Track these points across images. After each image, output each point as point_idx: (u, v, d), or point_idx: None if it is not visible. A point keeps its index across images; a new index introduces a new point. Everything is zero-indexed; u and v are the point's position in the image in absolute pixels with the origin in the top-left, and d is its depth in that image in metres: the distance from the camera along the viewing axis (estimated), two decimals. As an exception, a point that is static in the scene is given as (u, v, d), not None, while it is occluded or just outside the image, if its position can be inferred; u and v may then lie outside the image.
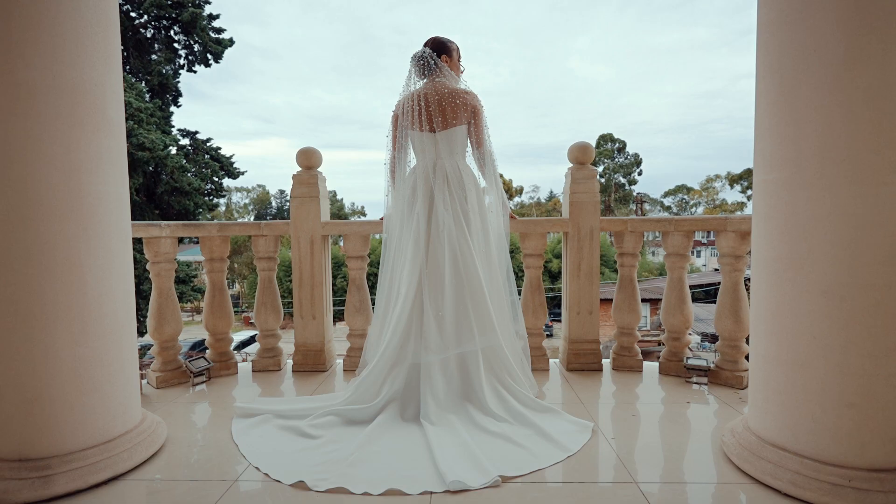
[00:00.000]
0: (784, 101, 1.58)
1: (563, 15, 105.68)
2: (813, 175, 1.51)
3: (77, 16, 1.67)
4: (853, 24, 1.42)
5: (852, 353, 1.49)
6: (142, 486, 1.71)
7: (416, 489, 1.63)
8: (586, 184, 2.89)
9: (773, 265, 1.64)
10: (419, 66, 2.55)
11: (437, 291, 2.35)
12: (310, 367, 3.05)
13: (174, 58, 16.34)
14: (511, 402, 2.22)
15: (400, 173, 2.59)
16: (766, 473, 1.62)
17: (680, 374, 2.82)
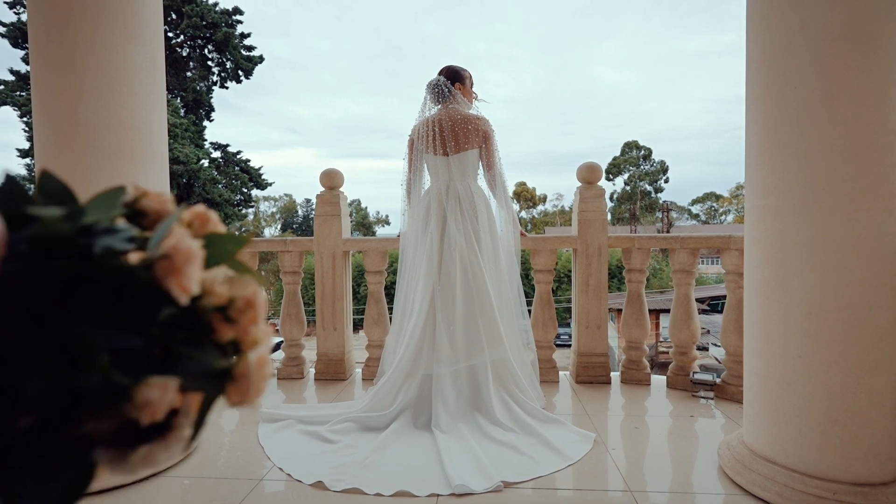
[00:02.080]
0: (770, 132, 1.68)
1: (587, 21, 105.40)
2: (797, 202, 1.61)
3: (130, 62, 1.90)
4: (830, 63, 1.52)
5: (836, 371, 1.57)
6: (178, 482, 1.90)
7: (424, 491, 1.77)
8: (594, 202, 3.00)
9: (762, 287, 1.73)
10: (434, 94, 2.72)
11: (448, 306, 2.50)
12: (331, 375, 3.22)
13: (208, 75, 17.09)
14: (518, 413, 2.34)
15: (415, 194, 2.76)
16: (756, 485, 1.70)
17: (687, 388, 2.88)
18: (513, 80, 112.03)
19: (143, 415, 0.31)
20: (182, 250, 0.32)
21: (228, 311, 0.36)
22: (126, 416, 0.31)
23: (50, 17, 1.79)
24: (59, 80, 1.77)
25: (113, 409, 0.31)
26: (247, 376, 0.35)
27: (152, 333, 0.33)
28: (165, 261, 0.32)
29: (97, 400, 0.31)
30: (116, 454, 0.32)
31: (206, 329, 0.35)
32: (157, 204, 0.35)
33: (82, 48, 1.79)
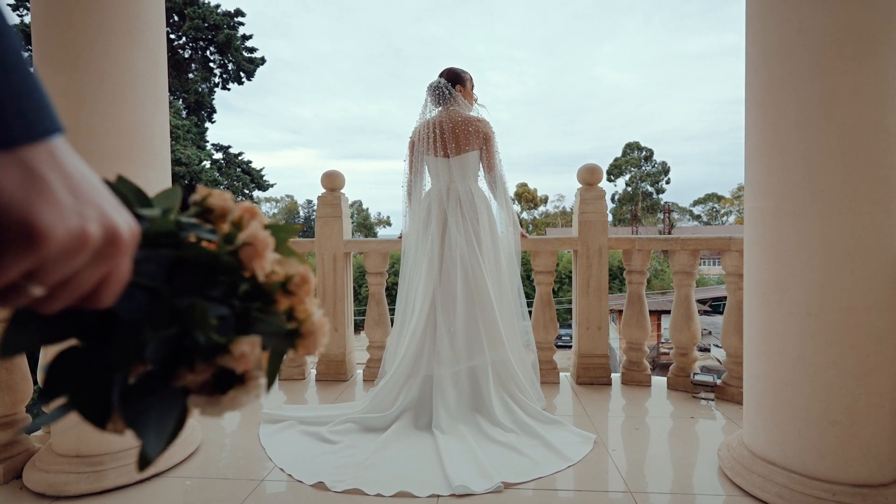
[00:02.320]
0: (769, 135, 1.68)
1: (588, 22, 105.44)
2: (796, 204, 1.61)
3: (132, 65, 1.91)
4: (829, 65, 1.53)
5: (835, 372, 1.57)
6: (181, 482, 1.91)
7: (424, 492, 1.78)
8: (594, 204, 3.01)
9: (762, 288, 1.74)
10: (435, 96, 2.73)
11: (449, 308, 2.51)
12: (332, 376, 3.23)
13: (209, 76, 17.14)
14: (518, 414, 2.34)
15: (416, 196, 2.77)
16: (756, 486, 1.70)
17: (688, 389, 2.89)
18: (514, 82, 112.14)
19: (238, 365, 0.39)
20: (260, 238, 0.42)
21: (288, 285, 0.44)
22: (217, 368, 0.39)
23: (53, 20, 1.81)
24: (61, 82, 1.79)
25: (211, 361, 0.39)
26: (313, 332, 0.44)
27: (234, 304, 0.41)
28: (249, 247, 0.41)
29: (202, 354, 0.39)
30: (210, 399, 0.40)
31: (271, 300, 0.44)
32: (221, 201, 0.43)
33: (85, 51, 1.80)
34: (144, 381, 0.39)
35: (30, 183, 0.29)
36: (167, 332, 0.38)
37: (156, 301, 0.38)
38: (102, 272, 0.33)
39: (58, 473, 1.79)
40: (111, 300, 0.35)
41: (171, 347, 0.39)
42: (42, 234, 0.28)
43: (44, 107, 0.30)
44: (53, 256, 0.30)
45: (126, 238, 0.33)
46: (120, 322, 0.37)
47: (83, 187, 0.31)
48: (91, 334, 0.37)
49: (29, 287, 0.30)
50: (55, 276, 0.31)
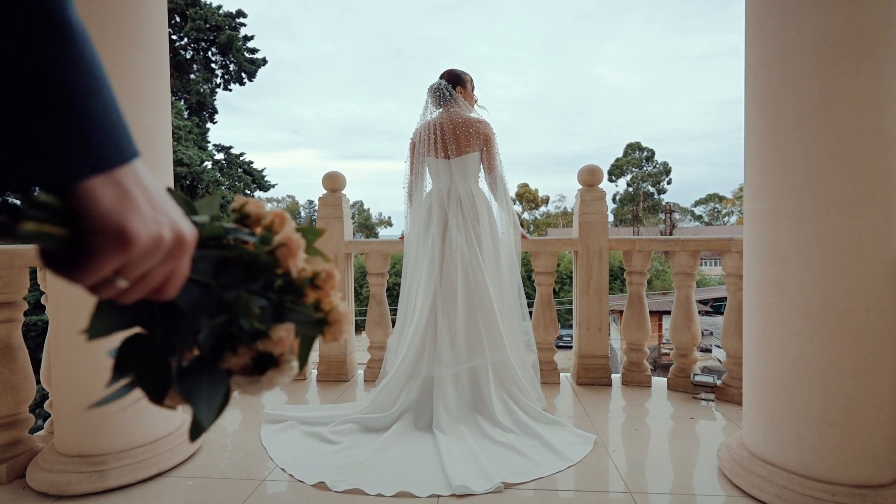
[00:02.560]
0: (768, 137, 1.69)
1: (589, 23, 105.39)
2: (795, 206, 1.62)
3: (135, 67, 1.92)
4: (827, 68, 1.53)
5: (834, 373, 1.57)
6: (182, 482, 1.92)
7: (424, 492, 1.79)
8: (595, 205, 3.01)
9: (760, 290, 1.75)
10: (435, 97, 2.74)
11: (450, 309, 2.52)
12: (333, 377, 3.24)
13: (211, 77, 17.18)
14: (519, 414, 2.35)
15: (417, 197, 2.78)
16: (755, 487, 1.71)
17: (688, 390, 2.89)
18: (515, 82, 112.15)
19: (276, 348, 0.46)
20: (294, 240, 0.49)
21: (316, 280, 0.51)
22: (257, 352, 0.47)
23: (57, 24, 1.82)
24: (65, 85, 1.80)
25: (252, 346, 0.46)
26: (338, 321, 0.51)
27: (270, 297, 0.48)
28: (284, 247, 0.48)
29: (245, 339, 0.46)
30: (250, 379, 0.47)
31: (301, 294, 0.50)
32: (256, 209, 0.50)
33: (88, 54, 1.81)
34: (195, 363, 0.46)
35: (122, 198, 0.36)
36: (217, 319, 0.45)
37: (207, 294, 0.46)
38: (170, 269, 0.40)
39: (60, 473, 1.80)
40: (175, 293, 0.42)
41: (219, 334, 0.46)
42: (131, 238, 0.36)
43: (127, 135, 0.37)
44: (137, 256, 0.37)
45: (189, 240, 0.40)
46: (180, 311, 0.44)
47: (157, 199, 0.38)
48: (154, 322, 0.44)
49: (117, 280, 0.38)
50: (136, 271, 0.38)
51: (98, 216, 0.35)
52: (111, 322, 0.43)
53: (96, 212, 0.35)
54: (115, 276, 0.38)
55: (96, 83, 0.35)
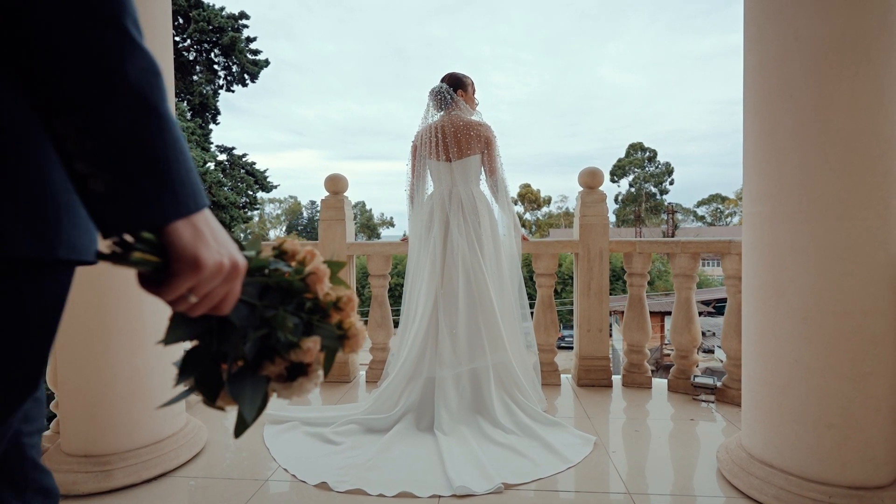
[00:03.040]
0: (766, 140, 1.70)
1: (592, 23, 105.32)
2: (792, 209, 1.63)
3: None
4: (824, 73, 1.55)
5: (831, 376, 1.59)
6: (186, 482, 1.94)
7: (425, 493, 1.80)
8: (595, 207, 3.03)
9: (759, 292, 1.76)
10: (437, 100, 2.76)
11: (451, 310, 2.53)
12: (335, 378, 3.27)
13: (214, 79, 17.23)
14: (519, 416, 2.37)
15: (418, 199, 2.80)
16: (754, 488, 1.72)
17: (688, 391, 2.90)
18: (518, 83, 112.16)
19: (306, 357, 0.58)
20: (321, 269, 0.62)
21: (338, 304, 0.63)
22: (290, 362, 0.58)
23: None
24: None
25: (287, 356, 0.58)
26: (356, 336, 0.63)
27: (301, 316, 0.61)
28: (313, 275, 0.61)
29: (281, 350, 0.58)
30: (285, 385, 0.60)
31: (326, 314, 0.62)
32: (292, 246, 0.63)
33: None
34: (241, 371, 0.58)
35: (196, 235, 0.49)
36: (260, 332, 0.57)
37: (253, 312, 0.58)
38: (227, 290, 0.53)
39: (66, 473, 1.83)
40: (229, 310, 0.54)
41: (259, 346, 0.58)
42: (202, 264, 0.49)
43: (200, 190, 0.51)
44: (205, 278, 0.49)
45: (241, 268, 0.54)
46: (232, 325, 0.56)
47: (220, 237, 0.52)
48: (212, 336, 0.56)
49: (189, 296, 0.50)
50: (204, 290, 0.50)
51: (180, 248, 0.48)
52: (181, 333, 0.55)
53: (179, 245, 0.48)
54: (189, 294, 0.50)
55: (183, 155, 0.49)
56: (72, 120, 0.44)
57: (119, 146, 0.45)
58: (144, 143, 0.46)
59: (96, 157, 0.45)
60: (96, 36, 0.43)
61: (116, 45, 0.44)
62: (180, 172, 0.48)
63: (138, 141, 0.46)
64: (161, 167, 0.47)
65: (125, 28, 0.45)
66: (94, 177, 0.45)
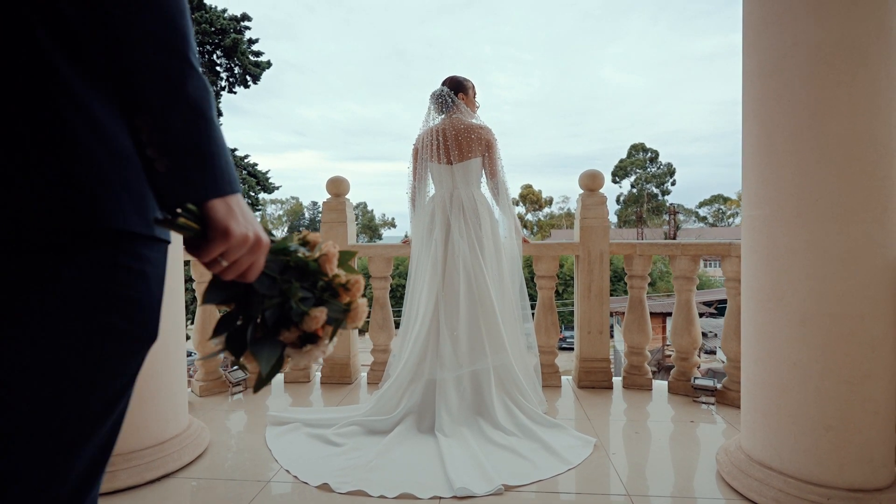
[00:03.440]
0: (764, 145, 1.72)
1: (594, 24, 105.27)
2: (790, 213, 1.64)
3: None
4: (822, 78, 1.56)
5: (829, 378, 1.60)
6: (189, 483, 1.96)
7: (426, 494, 1.82)
8: (596, 209, 3.04)
9: (757, 295, 1.77)
10: (438, 104, 2.77)
11: (452, 313, 2.55)
12: (336, 379, 3.28)
13: (216, 80, 17.29)
14: (520, 417, 2.38)
15: (420, 202, 2.81)
16: (753, 491, 1.73)
17: (689, 393, 2.91)
18: (519, 83, 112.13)
19: (313, 324, 0.71)
20: (331, 252, 0.76)
21: (347, 285, 0.77)
22: (302, 332, 0.72)
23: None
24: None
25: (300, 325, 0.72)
26: (357, 310, 0.77)
27: (315, 292, 0.75)
28: (324, 256, 0.75)
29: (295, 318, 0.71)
30: (298, 351, 0.72)
31: (336, 294, 0.76)
32: (314, 237, 0.79)
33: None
34: (262, 336, 0.71)
35: (228, 211, 0.63)
36: (278, 300, 0.71)
37: (274, 283, 0.71)
38: (251, 260, 0.67)
39: (71, 474, 1.84)
40: (254, 278, 0.68)
41: (277, 315, 0.71)
42: (231, 234, 0.63)
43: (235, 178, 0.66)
44: (234, 246, 0.64)
45: (264, 242, 0.68)
46: (256, 292, 0.70)
47: (248, 216, 0.66)
48: (240, 302, 0.71)
49: (221, 260, 0.64)
50: (232, 256, 0.64)
51: (215, 220, 0.63)
52: (216, 294, 0.71)
53: (214, 217, 0.63)
54: (220, 258, 0.64)
55: (222, 150, 0.64)
56: (147, 118, 0.60)
57: (177, 140, 0.61)
58: (195, 139, 0.62)
59: (161, 146, 0.60)
60: (170, 64, 0.61)
61: (182, 70, 0.62)
62: (220, 163, 0.64)
63: (191, 137, 0.62)
64: (205, 158, 0.62)
65: (189, 59, 0.62)
66: (158, 161, 0.61)
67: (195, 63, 0.63)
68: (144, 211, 0.61)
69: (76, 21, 0.56)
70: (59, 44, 0.56)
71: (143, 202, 0.61)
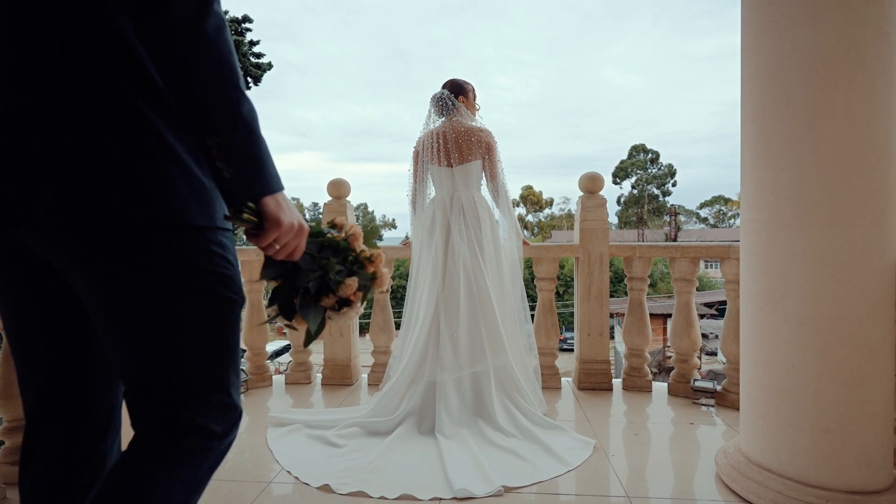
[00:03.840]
0: (762, 148, 1.72)
1: (595, 25, 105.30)
2: (788, 217, 1.65)
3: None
4: (820, 83, 1.57)
5: (828, 381, 1.60)
6: (191, 484, 1.96)
7: (426, 495, 1.83)
8: (595, 212, 3.05)
9: (756, 298, 1.78)
10: (438, 107, 2.79)
11: (452, 314, 2.56)
12: (337, 380, 3.29)
13: (217, 81, 17.31)
14: (520, 419, 2.39)
15: (420, 204, 2.83)
16: (752, 492, 1.74)
17: (688, 395, 2.92)
18: (520, 84, 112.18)
19: (348, 291, 0.93)
20: (357, 231, 0.99)
21: (371, 258, 0.98)
22: (339, 298, 0.94)
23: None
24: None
25: (335, 291, 0.93)
26: (381, 277, 0.99)
27: (346, 265, 0.96)
28: (352, 235, 0.98)
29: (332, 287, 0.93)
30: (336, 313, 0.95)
31: (363, 265, 0.97)
32: (342, 221, 0.99)
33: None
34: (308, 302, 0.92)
35: (277, 206, 0.81)
36: (318, 273, 0.92)
37: (314, 260, 0.92)
38: (296, 243, 0.85)
39: (74, 475, 1.85)
40: (298, 257, 0.87)
41: (318, 284, 0.92)
42: (281, 223, 0.81)
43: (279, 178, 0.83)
44: (284, 232, 0.82)
45: (306, 229, 0.86)
46: (300, 268, 0.90)
47: (292, 208, 0.83)
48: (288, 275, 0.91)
49: (274, 245, 0.82)
50: (282, 241, 0.82)
51: (268, 213, 0.80)
52: (270, 271, 0.90)
53: (268, 211, 0.80)
54: (274, 243, 0.82)
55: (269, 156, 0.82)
56: (216, 139, 0.77)
57: (238, 153, 0.78)
58: (250, 151, 0.79)
59: (227, 159, 0.77)
60: (229, 94, 0.77)
61: (237, 98, 0.78)
62: (269, 168, 0.82)
63: (247, 150, 0.79)
64: (259, 165, 0.80)
65: (241, 88, 0.79)
66: (225, 169, 0.78)
67: (244, 89, 0.80)
68: (208, 208, 0.84)
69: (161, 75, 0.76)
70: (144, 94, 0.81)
71: (206, 202, 0.84)
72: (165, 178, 0.79)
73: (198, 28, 0.74)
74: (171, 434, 0.86)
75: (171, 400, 0.85)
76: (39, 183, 0.75)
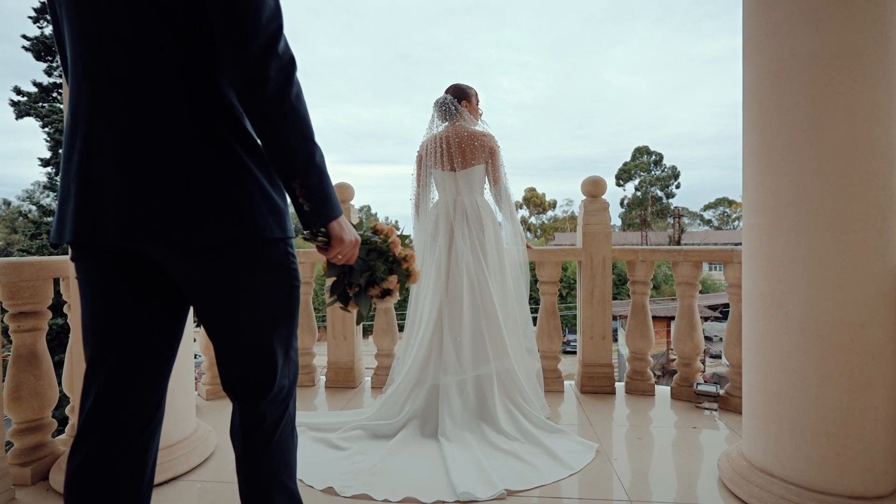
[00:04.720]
0: (764, 154, 1.73)
1: (598, 26, 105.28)
2: (790, 222, 1.66)
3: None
4: (821, 88, 1.58)
5: (829, 386, 1.61)
6: (196, 486, 1.98)
7: (429, 498, 1.84)
8: (598, 216, 3.06)
9: (758, 302, 1.78)
10: (441, 111, 2.81)
11: (455, 318, 2.57)
12: (341, 383, 3.31)
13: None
14: (522, 422, 2.40)
15: (423, 208, 2.85)
16: (754, 497, 1.74)
17: (691, 399, 2.92)
18: (524, 86, 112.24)
19: (390, 285, 1.36)
20: (396, 239, 1.39)
21: (406, 258, 1.39)
22: (383, 289, 1.36)
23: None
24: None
25: (379, 284, 1.35)
26: (414, 274, 1.41)
27: (387, 264, 1.36)
28: (393, 242, 1.37)
29: (378, 281, 1.34)
30: (380, 300, 1.37)
31: (400, 263, 1.38)
32: (383, 227, 1.40)
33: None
34: (359, 293, 1.33)
35: (340, 227, 1.12)
36: (367, 273, 1.32)
37: (364, 262, 1.31)
38: (352, 252, 1.18)
39: (81, 476, 1.87)
40: (353, 261, 1.21)
41: (367, 280, 1.32)
42: (344, 241, 1.14)
43: (339, 204, 1.11)
44: (345, 247, 1.15)
45: (358, 241, 1.19)
46: (353, 269, 1.30)
47: (349, 227, 1.16)
48: (345, 273, 1.32)
49: (338, 255, 1.16)
50: (344, 252, 1.16)
51: (334, 234, 1.12)
52: (333, 271, 1.31)
53: (334, 232, 1.11)
54: (337, 255, 1.15)
55: (333, 189, 1.09)
56: (298, 182, 1.03)
57: (314, 192, 1.04)
58: (322, 189, 1.05)
59: (307, 196, 1.04)
60: (307, 147, 1.03)
61: (313, 150, 1.04)
62: (334, 199, 1.09)
63: (321, 189, 1.05)
64: (328, 198, 1.07)
65: (315, 141, 1.05)
66: (305, 204, 1.04)
67: (316, 141, 1.05)
68: (282, 223, 1.07)
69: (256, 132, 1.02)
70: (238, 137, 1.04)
71: (281, 220, 1.06)
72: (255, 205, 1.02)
73: (284, 99, 0.98)
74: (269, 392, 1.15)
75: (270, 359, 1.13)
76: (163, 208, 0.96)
